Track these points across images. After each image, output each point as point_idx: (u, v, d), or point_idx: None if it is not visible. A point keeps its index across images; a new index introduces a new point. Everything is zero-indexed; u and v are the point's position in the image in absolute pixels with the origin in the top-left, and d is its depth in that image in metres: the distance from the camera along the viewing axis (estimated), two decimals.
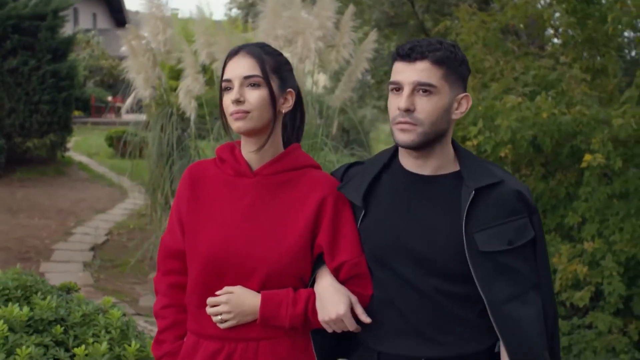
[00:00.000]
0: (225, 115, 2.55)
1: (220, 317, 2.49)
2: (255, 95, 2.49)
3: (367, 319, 2.47)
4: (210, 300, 2.51)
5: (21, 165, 16.55)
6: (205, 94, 8.74)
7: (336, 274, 2.54)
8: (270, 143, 2.57)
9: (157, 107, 9.68)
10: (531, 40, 10.28)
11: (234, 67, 2.53)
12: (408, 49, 2.44)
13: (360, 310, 2.48)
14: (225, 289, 2.51)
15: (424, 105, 2.41)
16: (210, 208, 2.59)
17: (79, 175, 17.49)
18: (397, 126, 2.45)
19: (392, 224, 2.51)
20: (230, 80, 2.52)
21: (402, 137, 2.44)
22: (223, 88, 2.55)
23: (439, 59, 2.41)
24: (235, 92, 2.49)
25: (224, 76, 2.55)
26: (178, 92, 8.58)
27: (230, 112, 2.50)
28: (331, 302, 2.46)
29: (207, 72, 9.03)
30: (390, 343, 2.50)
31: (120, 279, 9.57)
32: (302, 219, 2.54)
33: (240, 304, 2.48)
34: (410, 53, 2.43)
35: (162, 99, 9.65)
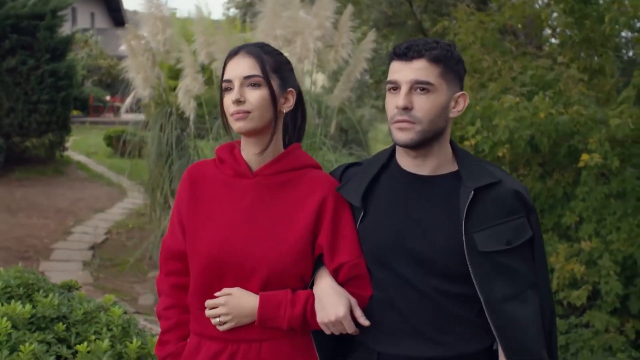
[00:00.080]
0: (226, 115, 2.54)
1: (218, 320, 2.49)
2: (255, 95, 2.48)
3: (366, 322, 2.46)
4: (208, 303, 2.51)
5: (20, 165, 16.56)
6: (204, 93, 8.75)
7: (335, 275, 2.53)
8: (272, 144, 2.57)
9: (156, 107, 9.70)
10: (529, 40, 10.29)
11: (234, 67, 2.52)
12: (405, 48, 2.45)
13: (359, 313, 2.47)
14: (223, 290, 2.50)
15: (422, 103, 2.41)
16: (210, 209, 2.58)
17: (77, 174, 17.48)
18: (395, 125, 2.45)
19: (391, 225, 2.51)
20: (230, 81, 2.51)
21: (400, 136, 2.45)
22: (223, 88, 2.54)
23: (435, 57, 2.42)
24: (235, 93, 2.48)
25: (224, 76, 2.54)
26: (177, 92, 8.60)
27: (231, 113, 2.49)
28: (330, 304, 2.45)
29: (205, 71, 9.03)
30: (390, 343, 2.49)
31: (119, 278, 9.57)
32: (303, 220, 2.52)
33: (237, 306, 2.47)
34: (407, 52, 2.43)
35: (161, 98, 9.66)
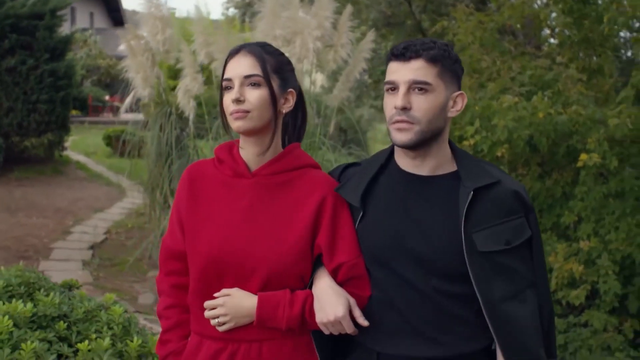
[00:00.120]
0: (225, 114, 2.53)
1: (217, 320, 2.49)
2: (255, 95, 2.47)
3: (365, 322, 2.46)
4: (207, 304, 2.51)
5: (19, 165, 16.56)
6: (204, 93, 8.77)
7: (334, 275, 2.53)
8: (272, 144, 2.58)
9: (156, 107, 9.71)
10: (528, 40, 10.31)
11: (235, 66, 2.52)
12: (402, 48, 2.45)
13: (358, 313, 2.47)
14: (222, 291, 2.50)
15: (420, 103, 2.41)
16: (209, 209, 2.57)
17: (76, 174, 17.48)
18: (394, 125, 2.45)
19: (390, 225, 2.50)
20: (230, 80, 2.50)
21: (399, 137, 2.45)
22: (223, 87, 2.54)
23: (433, 57, 2.42)
24: (235, 92, 2.47)
25: (225, 75, 2.53)
26: (177, 92, 8.61)
27: (230, 112, 2.48)
28: (330, 304, 2.45)
29: (204, 71, 9.05)
30: (389, 343, 2.49)
31: (119, 278, 9.58)
32: (302, 220, 2.52)
33: (236, 307, 2.47)
34: (404, 52, 2.43)
35: (160, 98, 9.67)
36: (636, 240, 6.32)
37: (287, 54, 2.64)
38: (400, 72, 2.44)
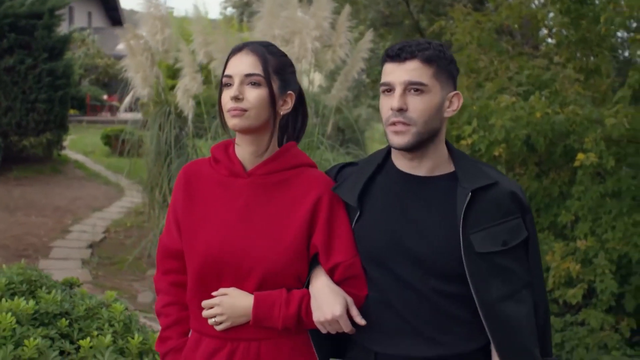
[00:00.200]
0: (223, 111, 2.52)
1: (214, 320, 2.49)
2: (254, 94, 2.45)
3: (362, 321, 2.45)
4: (204, 303, 2.50)
5: (18, 164, 16.56)
6: (203, 92, 8.79)
7: (331, 274, 2.51)
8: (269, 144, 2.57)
9: (155, 106, 9.73)
10: (525, 40, 10.34)
11: (237, 63, 2.50)
12: (397, 49, 2.44)
13: (355, 312, 2.45)
14: (220, 290, 2.49)
15: (417, 104, 2.41)
16: (205, 208, 2.56)
17: (75, 173, 17.49)
18: (390, 128, 2.45)
19: (388, 225, 2.49)
20: (231, 76, 2.48)
21: (396, 140, 2.44)
22: (223, 83, 2.51)
23: (428, 58, 2.42)
24: (234, 89, 2.45)
25: (225, 71, 2.51)
26: (176, 91, 8.63)
27: (228, 109, 2.47)
28: (327, 302, 2.43)
29: (203, 70, 9.07)
30: (388, 343, 2.48)
31: (118, 276, 9.61)
32: (298, 219, 2.50)
33: (232, 306, 2.46)
34: (399, 53, 2.43)
35: (159, 97, 9.70)
36: (633, 240, 6.34)
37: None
38: (396, 73, 2.44)
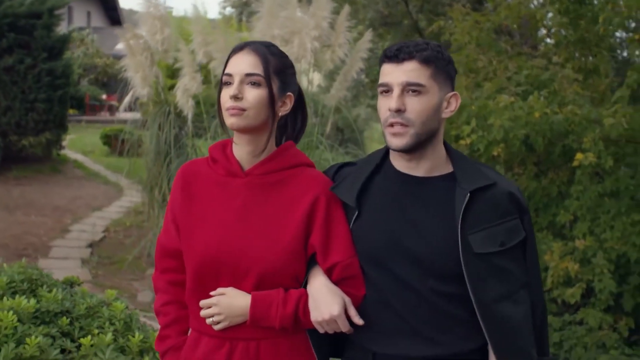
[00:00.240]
0: (222, 109, 2.51)
1: (212, 319, 2.49)
2: (254, 94, 2.44)
3: (360, 321, 2.45)
4: (202, 303, 2.50)
5: (17, 163, 16.56)
6: (202, 92, 8.80)
7: (328, 274, 2.51)
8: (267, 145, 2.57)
9: (154, 106, 9.74)
10: (524, 40, 10.35)
11: (238, 62, 2.49)
12: (395, 50, 2.45)
13: (353, 312, 2.45)
14: (218, 290, 2.49)
15: (414, 105, 2.41)
16: (203, 208, 2.56)
17: (74, 173, 17.49)
18: (389, 129, 2.45)
19: (386, 225, 2.49)
20: (231, 75, 2.47)
21: (394, 142, 2.45)
22: (223, 82, 2.50)
23: (426, 58, 2.42)
24: (234, 88, 2.44)
25: (226, 70, 2.50)
26: (175, 91, 8.64)
27: (227, 107, 2.46)
28: (325, 302, 2.43)
29: (202, 70, 9.08)
30: (387, 343, 2.48)
31: (117, 276, 9.62)
32: (296, 219, 2.50)
33: (230, 306, 2.46)
34: (397, 54, 2.43)
35: (159, 97, 9.71)
36: (631, 239, 6.36)
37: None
38: (394, 74, 2.44)
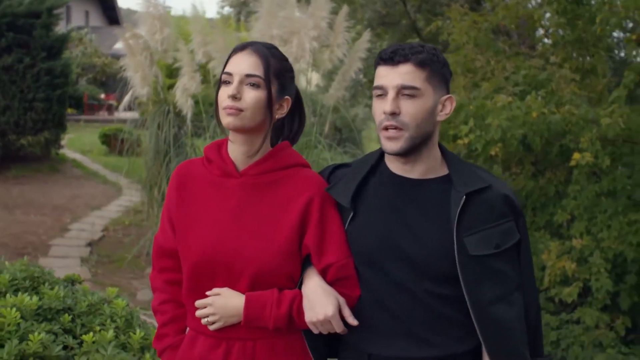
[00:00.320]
0: (219, 107, 2.50)
1: (207, 320, 2.50)
2: (252, 95, 2.44)
3: (354, 322, 2.45)
4: (197, 303, 2.51)
5: (16, 163, 16.57)
6: (201, 92, 8.83)
7: (323, 275, 2.51)
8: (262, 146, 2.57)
9: (154, 105, 9.77)
10: (522, 40, 10.36)
11: (238, 62, 2.48)
12: (390, 52, 2.45)
13: (347, 313, 2.45)
14: (213, 290, 2.49)
15: (409, 108, 2.41)
16: (198, 208, 2.56)
17: (73, 172, 17.49)
18: (383, 133, 2.46)
19: (382, 226, 2.50)
20: (231, 74, 2.47)
21: (389, 146, 2.45)
22: (222, 80, 2.49)
23: (421, 61, 2.42)
24: (233, 88, 2.43)
25: (226, 68, 2.50)
26: (175, 90, 8.67)
27: (224, 106, 2.45)
28: (319, 303, 2.43)
29: (202, 70, 9.11)
30: (382, 345, 2.49)
31: (117, 274, 9.64)
32: (290, 219, 2.50)
33: (224, 306, 2.46)
34: (393, 56, 2.43)
35: (158, 96, 9.74)
36: (628, 239, 6.39)
37: (283, 54, 2.66)
38: (389, 76, 2.44)
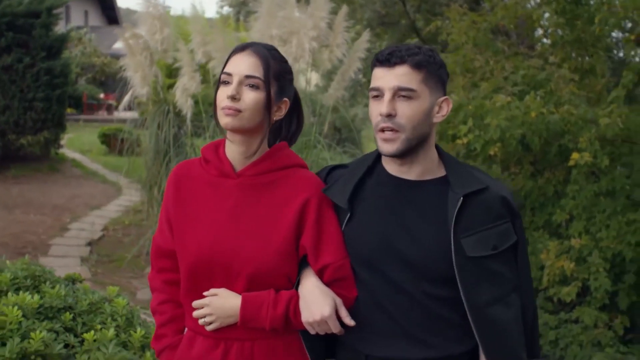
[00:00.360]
0: (217, 107, 2.50)
1: (204, 320, 2.50)
2: (251, 96, 2.44)
3: (351, 322, 2.45)
4: (195, 303, 2.52)
5: (15, 162, 16.57)
6: (201, 92, 8.84)
7: (320, 276, 2.51)
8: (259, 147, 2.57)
9: (154, 105, 9.78)
10: (521, 40, 10.37)
11: (238, 62, 2.48)
12: (387, 54, 2.45)
13: (344, 313, 2.46)
14: (210, 291, 2.50)
15: (405, 110, 2.41)
16: (196, 209, 2.56)
17: (72, 172, 17.50)
18: (380, 134, 2.46)
19: (379, 228, 2.50)
20: (230, 75, 2.46)
21: (386, 148, 2.46)
22: (221, 80, 2.49)
23: (418, 63, 2.42)
24: (232, 88, 2.43)
25: (226, 68, 2.49)
26: (174, 90, 8.68)
27: (223, 107, 2.45)
28: (316, 303, 2.44)
29: (201, 70, 9.12)
30: (379, 346, 2.49)
31: (117, 274, 9.64)
32: (287, 220, 2.50)
33: (221, 307, 2.47)
34: (389, 58, 2.44)
35: (158, 96, 9.75)
36: (626, 238, 6.40)
37: (283, 54, 2.67)
38: (385, 78, 2.44)
